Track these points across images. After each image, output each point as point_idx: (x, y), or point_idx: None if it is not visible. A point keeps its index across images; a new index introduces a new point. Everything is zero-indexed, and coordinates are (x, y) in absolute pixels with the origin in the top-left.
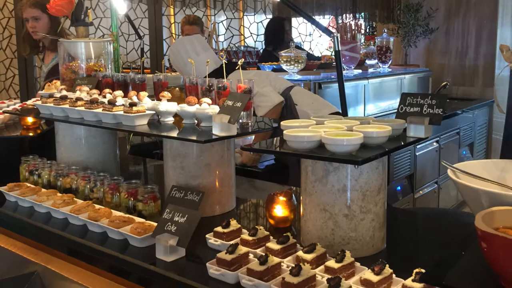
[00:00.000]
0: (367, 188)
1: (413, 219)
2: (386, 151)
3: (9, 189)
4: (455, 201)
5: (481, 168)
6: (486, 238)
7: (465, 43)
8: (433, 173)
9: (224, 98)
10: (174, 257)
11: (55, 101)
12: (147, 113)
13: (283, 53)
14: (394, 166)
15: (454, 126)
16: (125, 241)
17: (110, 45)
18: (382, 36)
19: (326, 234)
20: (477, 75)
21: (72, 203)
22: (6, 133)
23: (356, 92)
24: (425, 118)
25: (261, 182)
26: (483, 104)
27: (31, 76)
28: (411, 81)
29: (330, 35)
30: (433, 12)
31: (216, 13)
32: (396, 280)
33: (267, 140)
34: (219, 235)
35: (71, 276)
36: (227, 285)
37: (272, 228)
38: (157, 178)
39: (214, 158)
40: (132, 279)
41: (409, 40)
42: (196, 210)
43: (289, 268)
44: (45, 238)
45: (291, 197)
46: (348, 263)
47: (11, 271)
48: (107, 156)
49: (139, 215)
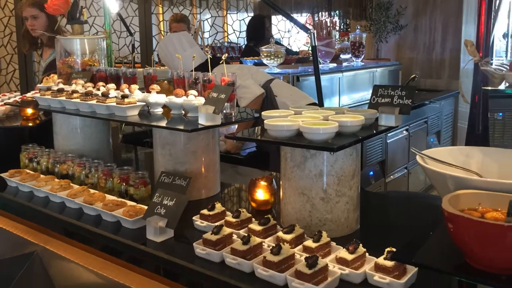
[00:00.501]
0: (342, 173)
1: (385, 202)
2: (359, 139)
3: (10, 175)
4: (424, 185)
5: (447, 155)
6: (452, 219)
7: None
8: (403, 159)
9: (209, 90)
10: (163, 238)
11: (53, 94)
12: (138, 104)
13: (263, 49)
14: (367, 153)
15: (422, 116)
16: (118, 223)
17: (103, 41)
18: (355, 32)
19: (304, 216)
20: (444, 68)
21: (69, 188)
22: (7, 123)
23: (331, 84)
24: (395, 108)
25: (243, 168)
26: (449, 95)
27: (30, 70)
28: (382, 74)
29: (307, 31)
30: (402, 10)
31: (202, 11)
32: (369, 258)
33: (249, 129)
34: (205, 217)
35: (68, 255)
36: (213, 263)
37: (254, 210)
38: (147, 164)
39: (200, 146)
40: (124, 258)
41: (380, 36)
42: (184, 194)
43: (270, 248)
44: (44, 220)
45: (271, 182)
46: (325, 243)
47: (12, 251)
48: (101, 144)
49: (130, 199)
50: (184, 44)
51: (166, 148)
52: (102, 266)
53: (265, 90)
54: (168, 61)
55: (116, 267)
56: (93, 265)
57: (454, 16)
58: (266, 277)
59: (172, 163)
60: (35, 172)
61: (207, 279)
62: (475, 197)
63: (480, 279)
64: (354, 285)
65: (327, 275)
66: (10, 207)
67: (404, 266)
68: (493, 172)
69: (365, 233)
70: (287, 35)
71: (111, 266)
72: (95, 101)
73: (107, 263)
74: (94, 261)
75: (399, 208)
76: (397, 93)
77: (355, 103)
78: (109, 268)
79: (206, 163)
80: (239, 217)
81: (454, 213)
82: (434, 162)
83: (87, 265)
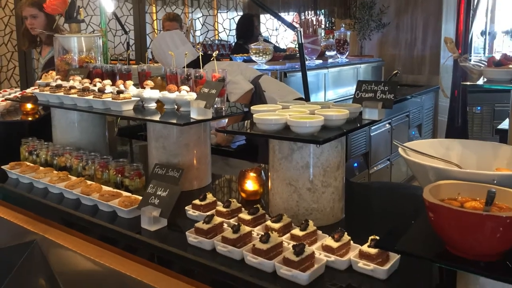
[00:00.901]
0: (327, 165)
1: (368, 192)
2: (344, 132)
3: (11, 168)
4: (406, 176)
5: (428, 147)
6: (433, 208)
7: (414, 36)
8: (386, 151)
9: (200, 86)
10: (157, 227)
11: (51, 89)
12: (132, 99)
13: (252, 46)
14: (351, 145)
15: (404, 110)
16: (114, 213)
17: (100, 39)
18: (340, 30)
19: (292, 205)
20: (424, 64)
21: (67, 179)
22: (8, 117)
23: (317, 80)
24: (378, 102)
25: (233, 160)
26: (430, 90)
27: (30, 67)
28: (366, 70)
29: (294, 29)
30: (385, 9)
31: (193, 10)
32: (354, 246)
33: (239, 123)
34: (197, 207)
35: (66, 244)
36: (204, 251)
37: (244, 200)
38: (141, 157)
39: (192, 139)
40: (120, 246)
41: (364, 34)
42: (176, 185)
43: (259, 236)
44: (43, 210)
45: (260, 173)
46: (311, 231)
47: (13, 240)
48: (97, 137)
49: (126, 189)
50: (177, 42)
51: (159, 141)
52: (99, 254)
53: (254, 86)
54: (161, 58)
55: (112, 255)
56: (90, 253)
57: (435, 14)
58: (255, 264)
59: (165, 155)
60: (34, 164)
61: (199, 266)
62: (455, 188)
63: (460, 266)
64: (339, 271)
65: (314, 262)
66: (11, 197)
67: (387, 253)
68: (472, 164)
69: (349, 222)
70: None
71: (108, 254)
72: (91, 97)
73: (104, 251)
74: (91, 249)
75: (382, 198)
76: (380, 88)
77: (340, 98)
78: (106, 255)
79: (198, 155)
80: (229, 207)
81: (434, 202)
82: (415, 154)
83: (84, 253)
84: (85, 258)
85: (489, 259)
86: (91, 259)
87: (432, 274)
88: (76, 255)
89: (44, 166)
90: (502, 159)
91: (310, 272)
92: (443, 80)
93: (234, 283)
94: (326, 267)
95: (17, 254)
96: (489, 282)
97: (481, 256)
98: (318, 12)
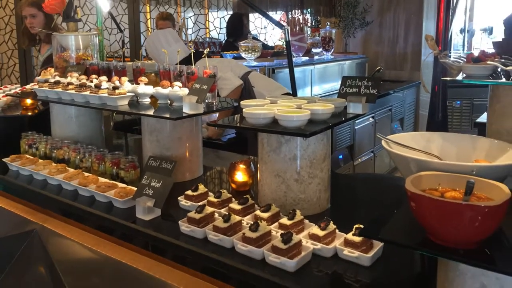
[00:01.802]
0: (314, 157)
1: (353, 183)
2: (329, 126)
3: (12, 160)
4: (388, 167)
5: (410, 139)
6: (415, 198)
7: (396, 34)
8: (369, 144)
9: (192, 82)
10: (151, 217)
11: (50, 86)
12: (127, 95)
13: (242, 44)
14: (336, 138)
15: (387, 104)
16: (110, 203)
17: (96, 38)
18: (325, 28)
19: (280, 196)
20: (406, 60)
21: (65, 171)
22: (9, 112)
23: (304, 76)
24: (362, 97)
25: (224, 152)
26: (411, 85)
27: (29, 64)
28: (350, 66)
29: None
30: (368, 8)
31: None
32: (339, 234)
33: (229, 117)
34: (189, 197)
35: (64, 233)
36: (197, 239)
37: (234, 191)
38: (136, 149)
39: (184, 133)
40: (116, 235)
41: (349, 32)
42: (170, 176)
43: (248, 225)
44: (42, 201)
45: (249, 165)
46: (298, 220)
47: (13, 229)
48: (94, 131)
49: (121, 181)
50: (170, 40)
51: (153, 135)
52: (96, 243)
53: (244, 82)
54: (155, 55)
55: (109, 244)
56: (88, 242)
57: (416, 13)
58: (245, 252)
59: (159, 148)
60: (34, 157)
61: (191, 254)
62: (436, 178)
63: (440, 253)
64: (325, 258)
65: (301, 250)
66: (11, 189)
67: (371, 241)
68: (452, 155)
69: (335, 211)
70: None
71: (104, 243)
72: (88, 92)
73: (100, 239)
74: (89, 238)
75: (366, 189)
76: (364, 83)
77: (326, 93)
78: (103, 244)
79: (190, 148)
80: (220, 197)
81: (416, 192)
82: (398, 146)
83: (82, 242)
84: (83, 246)
85: (468, 247)
86: (89, 247)
87: (414, 261)
88: (74, 243)
89: (43, 159)
90: (481, 151)
91: (298, 260)
92: (424, 76)
93: (224, 270)
94: (312, 255)
95: (17, 243)
96: (468, 269)
97: (460, 244)
98: (304, 11)
